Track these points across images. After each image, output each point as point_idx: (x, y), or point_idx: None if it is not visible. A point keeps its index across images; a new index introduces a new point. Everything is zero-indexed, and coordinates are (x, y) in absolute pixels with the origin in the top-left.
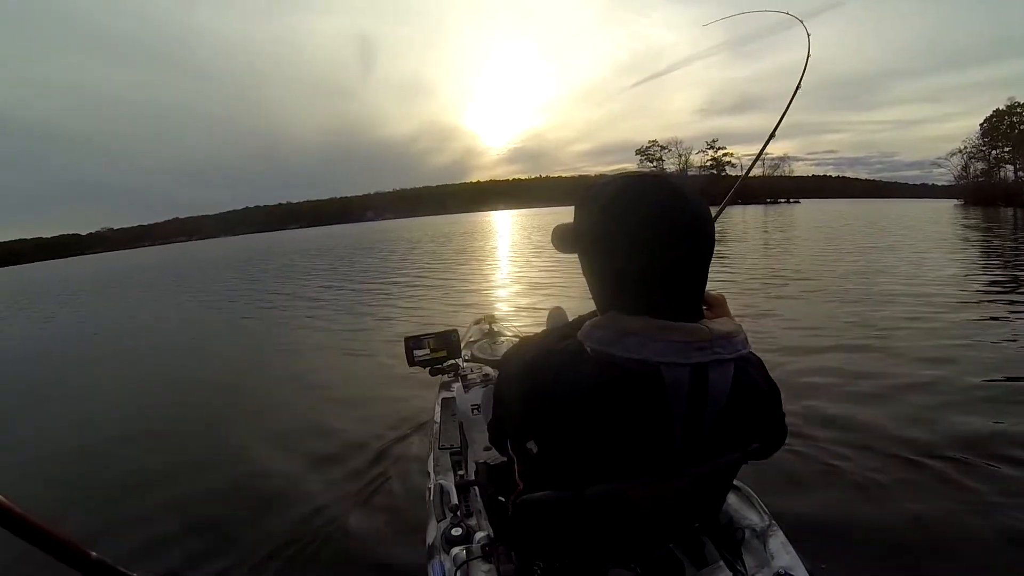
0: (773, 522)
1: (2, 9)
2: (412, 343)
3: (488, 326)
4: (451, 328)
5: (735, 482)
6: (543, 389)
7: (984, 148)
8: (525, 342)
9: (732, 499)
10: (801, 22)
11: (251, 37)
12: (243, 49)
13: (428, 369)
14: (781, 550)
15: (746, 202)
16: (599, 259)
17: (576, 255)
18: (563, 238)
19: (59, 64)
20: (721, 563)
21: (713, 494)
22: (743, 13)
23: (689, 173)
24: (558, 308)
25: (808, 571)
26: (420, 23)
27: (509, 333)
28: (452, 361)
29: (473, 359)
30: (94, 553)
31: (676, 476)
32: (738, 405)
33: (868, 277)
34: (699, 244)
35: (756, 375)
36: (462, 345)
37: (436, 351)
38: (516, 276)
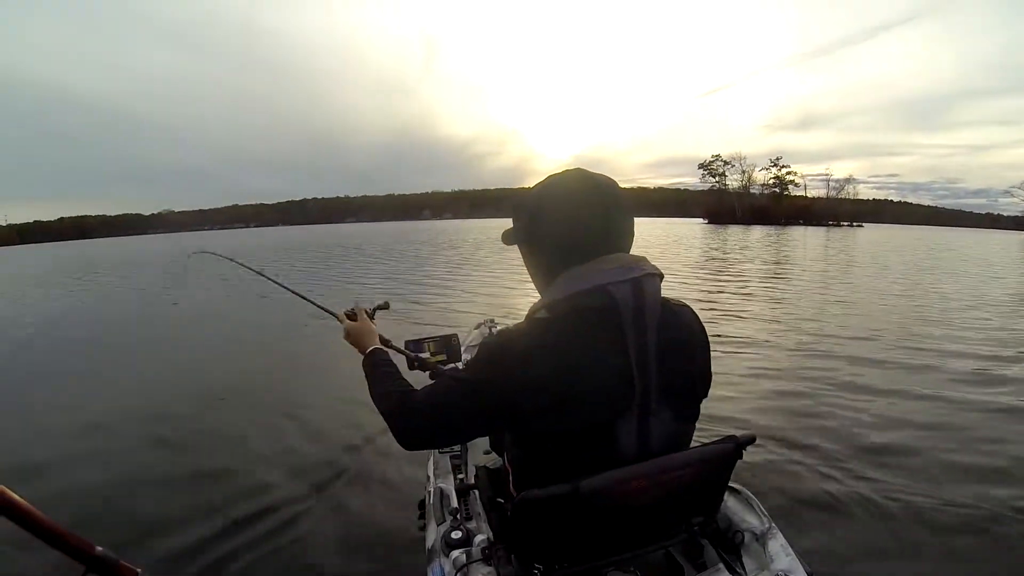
0: (772, 525)
1: None
2: (412, 346)
3: (489, 330)
4: (451, 332)
5: (734, 485)
6: (523, 347)
7: None
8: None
9: (731, 502)
10: None
11: (316, 32)
12: (309, 46)
13: (428, 373)
14: (780, 553)
15: (807, 223)
16: (538, 240)
17: (523, 248)
18: (508, 235)
19: (130, 50)
20: (720, 566)
21: (709, 489)
22: None
23: (753, 191)
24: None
25: (807, 573)
26: (486, 22)
27: None
28: (452, 365)
29: None
30: (99, 548)
31: (655, 423)
32: (672, 314)
33: None
34: (608, 207)
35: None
36: (463, 349)
37: (436, 355)
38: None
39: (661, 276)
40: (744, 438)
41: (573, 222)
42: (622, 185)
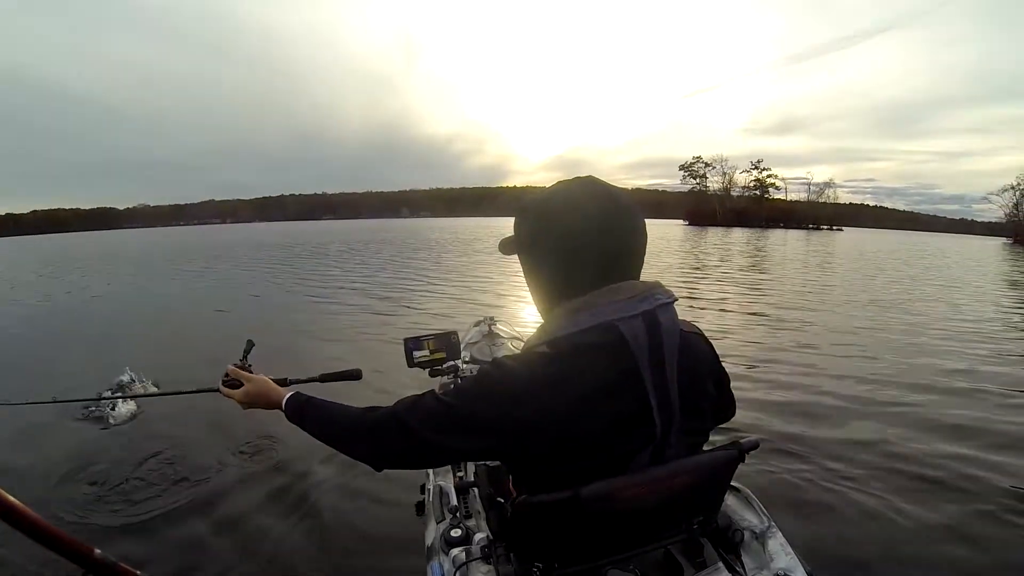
0: (772, 523)
1: None
2: (411, 344)
3: (488, 328)
4: (451, 329)
5: (734, 483)
6: (519, 391)
7: None
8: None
9: (731, 500)
10: None
11: (299, 25)
12: (290, 39)
13: (427, 371)
14: (780, 552)
15: (787, 226)
16: (542, 254)
17: (526, 261)
18: (507, 243)
19: (107, 40)
20: (720, 564)
21: (710, 492)
22: None
23: (733, 193)
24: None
25: (807, 573)
26: (468, 19)
27: (508, 335)
28: (452, 363)
29: (473, 361)
30: (98, 551)
31: (671, 452)
32: (688, 345)
33: None
34: (624, 227)
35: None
36: (462, 347)
37: (435, 352)
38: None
39: (675, 299)
40: (748, 443)
41: (585, 238)
42: None
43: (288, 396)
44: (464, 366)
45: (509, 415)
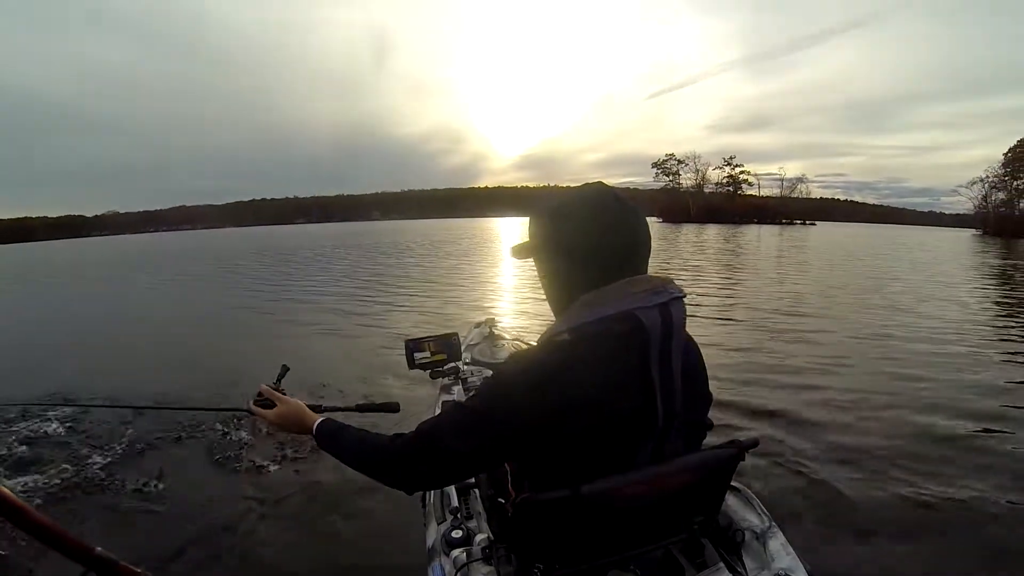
0: (773, 524)
1: None
2: (412, 346)
3: (489, 329)
4: (451, 331)
5: (734, 483)
6: (550, 375)
7: (1006, 178)
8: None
9: (732, 501)
10: None
11: (266, 25)
12: (258, 38)
13: (428, 372)
14: (781, 552)
15: (761, 222)
16: (561, 253)
17: (539, 263)
18: (521, 249)
19: (75, 42)
20: (721, 565)
21: (710, 492)
22: None
23: (706, 190)
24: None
25: (808, 573)
26: (437, 19)
27: (509, 336)
28: (452, 364)
29: (474, 362)
30: (98, 548)
31: (671, 446)
32: (688, 341)
33: None
34: (635, 226)
35: None
36: (462, 348)
37: (436, 354)
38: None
39: (684, 295)
40: (747, 442)
41: (598, 236)
42: (570, 184)
43: (319, 421)
44: (465, 368)
45: (537, 402)
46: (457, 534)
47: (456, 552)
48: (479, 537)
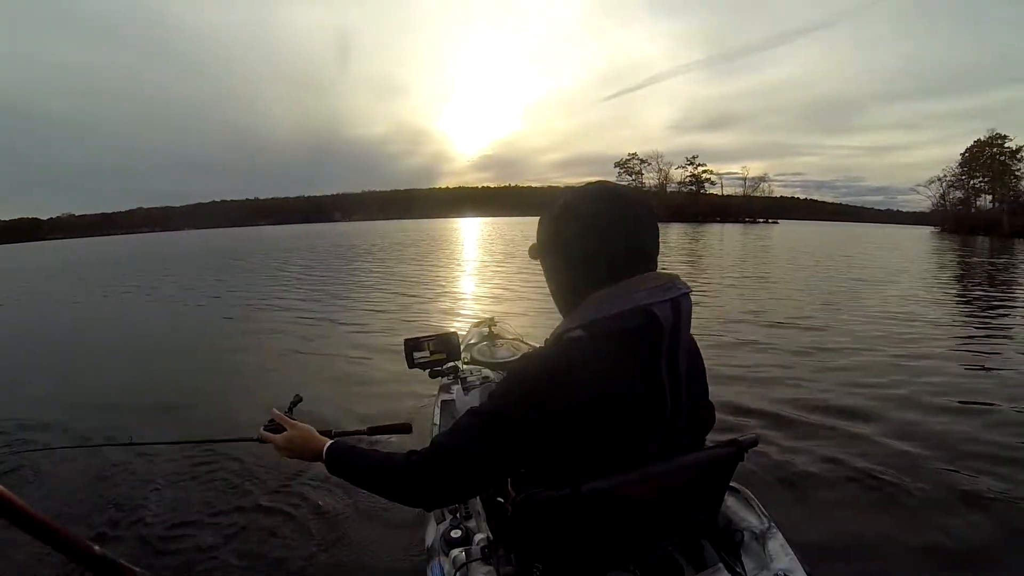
0: (772, 524)
1: None
2: (412, 345)
3: (488, 329)
4: (451, 331)
5: (734, 484)
6: (567, 370)
7: (963, 177)
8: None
9: (731, 501)
10: None
11: (226, 25)
12: (218, 37)
13: (427, 371)
14: (780, 552)
15: (724, 220)
16: (571, 251)
17: (546, 262)
18: (535, 248)
19: (33, 41)
20: (720, 565)
21: (710, 491)
22: None
23: (669, 189)
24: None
25: (807, 573)
26: (397, 19)
27: (509, 336)
28: (452, 364)
29: (473, 362)
30: (97, 547)
31: (676, 451)
32: (691, 339)
33: None
34: (646, 223)
35: None
36: (462, 348)
37: (435, 353)
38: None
39: (691, 291)
40: (747, 441)
41: (605, 235)
42: (530, 184)
43: (329, 445)
44: (464, 367)
45: (557, 400)
46: (456, 534)
47: (455, 552)
48: (478, 537)
